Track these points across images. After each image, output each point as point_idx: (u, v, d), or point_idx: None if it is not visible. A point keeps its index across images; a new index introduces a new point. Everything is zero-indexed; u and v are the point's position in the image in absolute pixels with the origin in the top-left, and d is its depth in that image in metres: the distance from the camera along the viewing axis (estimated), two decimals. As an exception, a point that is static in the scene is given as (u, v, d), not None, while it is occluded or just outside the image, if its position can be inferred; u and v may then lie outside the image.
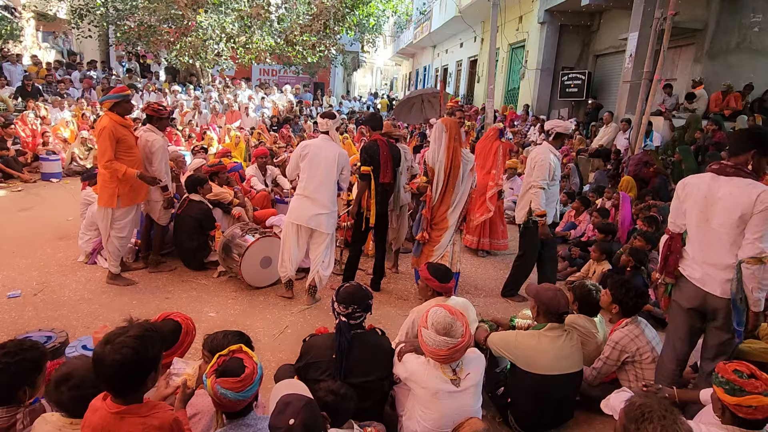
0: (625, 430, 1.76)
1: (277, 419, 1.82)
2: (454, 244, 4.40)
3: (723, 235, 2.59)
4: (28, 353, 2.04)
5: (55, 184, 8.63)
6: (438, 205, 4.27)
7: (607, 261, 5.06)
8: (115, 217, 4.37)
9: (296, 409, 1.81)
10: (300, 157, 4.19)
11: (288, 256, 4.32)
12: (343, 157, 4.23)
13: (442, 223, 4.29)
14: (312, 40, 15.40)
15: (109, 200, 4.29)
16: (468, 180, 4.30)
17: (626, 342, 3.01)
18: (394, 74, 48.84)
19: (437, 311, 2.37)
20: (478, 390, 2.45)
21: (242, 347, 1.99)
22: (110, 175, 4.24)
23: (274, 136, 11.29)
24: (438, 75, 24.47)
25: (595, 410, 2.81)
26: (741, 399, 1.96)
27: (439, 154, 4.18)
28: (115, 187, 4.27)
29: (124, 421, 1.69)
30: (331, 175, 4.17)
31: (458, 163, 4.17)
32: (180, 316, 2.39)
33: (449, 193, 4.22)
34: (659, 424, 1.67)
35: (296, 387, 2.14)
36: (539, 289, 2.87)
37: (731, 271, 2.58)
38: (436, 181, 4.21)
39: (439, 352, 2.29)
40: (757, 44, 9.08)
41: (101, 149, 4.21)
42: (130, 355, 1.65)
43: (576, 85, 12.64)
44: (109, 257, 4.49)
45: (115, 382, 1.69)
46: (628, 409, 1.80)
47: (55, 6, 15.25)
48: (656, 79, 7.87)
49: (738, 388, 1.97)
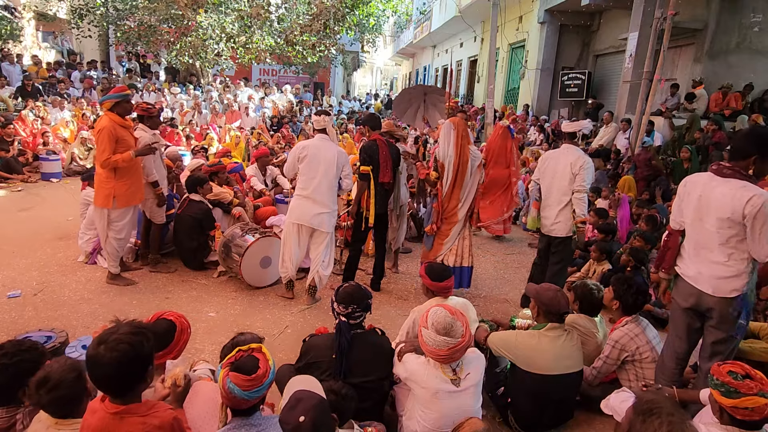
0: (631, 424, 1.76)
1: (288, 415, 1.81)
2: (464, 239, 4.48)
3: (714, 235, 2.60)
4: (26, 354, 2.04)
5: (55, 184, 8.63)
6: (448, 200, 4.39)
7: (607, 261, 5.06)
8: (112, 218, 4.36)
9: (307, 407, 1.81)
10: (298, 159, 4.18)
11: (289, 256, 4.32)
12: (342, 156, 4.23)
13: (452, 218, 4.42)
14: (312, 40, 15.39)
15: (105, 201, 4.27)
16: (476, 175, 4.42)
17: (626, 341, 3.01)
18: (394, 74, 48.86)
19: (437, 311, 2.36)
20: (478, 390, 2.45)
21: (262, 348, 1.98)
22: (107, 176, 4.23)
23: (276, 136, 11.28)
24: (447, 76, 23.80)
25: (595, 410, 2.81)
26: (737, 401, 1.96)
27: (448, 151, 4.32)
28: (112, 187, 4.25)
29: (124, 422, 1.69)
30: (330, 175, 4.16)
31: (466, 159, 4.31)
32: (173, 315, 2.38)
33: (458, 188, 4.36)
34: (666, 420, 1.67)
35: (311, 384, 2.13)
36: (539, 290, 2.88)
37: (724, 270, 2.60)
38: (446, 175, 4.34)
39: (439, 352, 2.29)
40: (757, 44, 9.08)
41: (100, 149, 4.20)
42: (127, 351, 1.65)
43: (576, 85, 12.64)
44: (108, 258, 4.49)
45: (113, 382, 1.69)
46: (637, 403, 1.82)
47: (55, 6, 15.24)
48: (656, 79, 7.88)
49: (733, 390, 1.97)
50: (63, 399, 1.80)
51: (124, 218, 4.41)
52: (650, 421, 1.69)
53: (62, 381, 1.80)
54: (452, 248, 4.45)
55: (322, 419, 1.83)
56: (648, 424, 1.69)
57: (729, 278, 2.60)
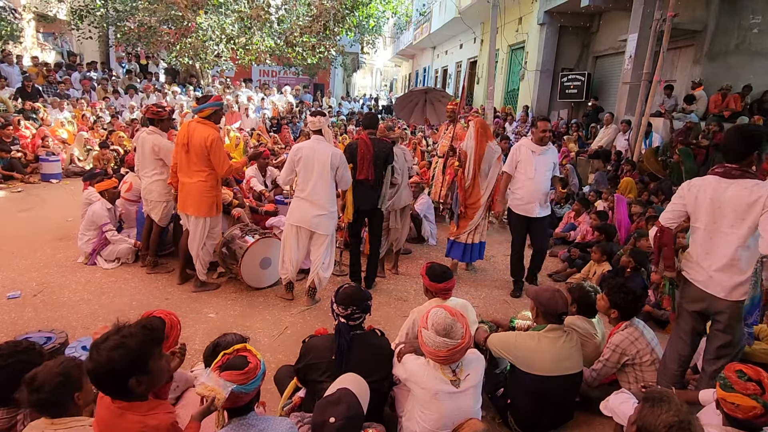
0: (639, 413, 1.80)
1: (325, 406, 1.87)
2: (483, 218, 5.16)
3: (731, 237, 2.60)
4: (23, 355, 2.04)
5: (54, 184, 8.63)
6: (471, 189, 5.04)
7: (607, 262, 5.06)
8: (212, 225, 4.38)
9: (343, 413, 1.84)
10: (294, 162, 4.18)
11: (288, 258, 4.32)
12: (336, 157, 4.17)
13: (475, 204, 5.05)
14: (312, 41, 15.39)
15: (210, 209, 4.28)
16: (495, 167, 5.03)
17: (626, 345, 3.00)
18: (394, 75, 48.89)
19: (438, 312, 2.36)
20: (478, 391, 2.45)
21: (246, 346, 2.00)
22: (211, 185, 4.23)
23: (274, 137, 11.29)
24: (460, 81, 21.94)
25: (594, 411, 2.81)
26: (726, 395, 2.01)
27: (468, 143, 4.97)
28: (215, 195, 4.29)
29: (123, 418, 1.71)
30: (325, 176, 4.14)
31: (482, 152, 4.93)
32: (162, 313, 2.41)
33: (480, 178, 5.01)
34: (674, 408, 1.72)
35: (360, 388, 2.15)
36: (538, 291, 2.88)
37: (738, 274, 2.60)
38: (467, 165, 4.96)
39: (438, 353, 2.29)
40: (757, 45, 9.09)
41: (220, 159, 4.16)
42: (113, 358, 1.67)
43: (576, 87, 12.65)
44: (202, 265, 4.46)
45: (107, 385, 1.72)
46: (648, 393, 1.87)
47: (54, 7, 15.24)
48: (656, 80, 7.89)
49: (729, 385, 2.01)
50: (47, 401, 1.83)
51: (220, 222, 4.51)
52: (659, 407, 1.74)
53: (45, 384, 1.82)
54: (477, 225, 5.11)
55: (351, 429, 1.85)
56: (656, 410, 1.74)
57: (742, 282, 2.61)
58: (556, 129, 11.63)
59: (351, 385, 2.10)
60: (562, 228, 6.71)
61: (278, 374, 2.91)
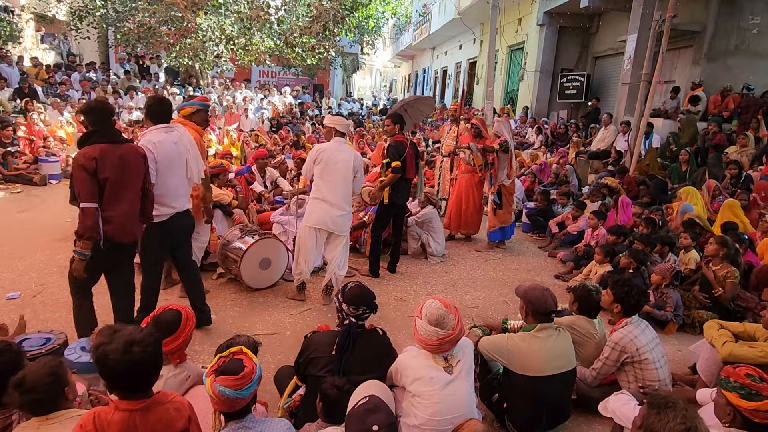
0: (644, 418, 1.77)
1: (364, 415, 1.91)
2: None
3: None
4: (3, 355, 2.03)
5: (54, 185, 8.62)
6: (512, 178, 6.12)
7: (608, 263, 5.07)
8: (197, 228, 4.22)
9: (383, 422, 1.89)
10: (314, 161, 4.22)
11: (305, 259, 4.33)
12: (357, 160, 4.28)
13: (512, 187, 6.19)
14: (311, 42, 15.40)
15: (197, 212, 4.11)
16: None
17: (626, 342, 3.00)
18: (394, 76, 48.91)
19: (432, 303, 2.42)
20: (470, 375, 2.48)
21: (242, 349, 2.01)
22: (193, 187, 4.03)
23: (273, 137, 11.29)
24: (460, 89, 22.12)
25: (593, 411, 2.81)
26: (759, 404, 1.94)
27: (509, 139, 5.90)
28: (195, 198, 4.07)
29: (152, 412, 1.76)
30: (347, 178, 4.23)
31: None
32: (178, 306, 2.50)
33: (514, 170, 6.12)
34: (681, 414, 1.69)
35: (386, 395, 2.20)
36: (527, 290, 2.86)
37: None
38: (510, 159, 5.97)
39: (429, 342, 2.34)
40: (756, 46, 9.11)
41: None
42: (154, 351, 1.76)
43: (575, 87, 12.67)
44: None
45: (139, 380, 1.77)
46: (652, 397, 1.84)
47: (54, 7, 15.24)
48: (655, 81, 7.90)
49: (755, 393, 1.95)
50: (39, 401, 1.84)
51: (207, 227, 4.45)
52: (665, 414, 1.71)
53: (37, 384, 1.82)
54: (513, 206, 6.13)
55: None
56: (663, 416, 1.70)
57: None
58: (555, 129, 11.64)
59: (377, 392, 2.12)
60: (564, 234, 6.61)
61: (278, 374, 2.91)
